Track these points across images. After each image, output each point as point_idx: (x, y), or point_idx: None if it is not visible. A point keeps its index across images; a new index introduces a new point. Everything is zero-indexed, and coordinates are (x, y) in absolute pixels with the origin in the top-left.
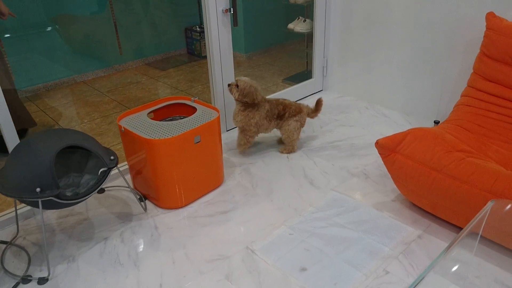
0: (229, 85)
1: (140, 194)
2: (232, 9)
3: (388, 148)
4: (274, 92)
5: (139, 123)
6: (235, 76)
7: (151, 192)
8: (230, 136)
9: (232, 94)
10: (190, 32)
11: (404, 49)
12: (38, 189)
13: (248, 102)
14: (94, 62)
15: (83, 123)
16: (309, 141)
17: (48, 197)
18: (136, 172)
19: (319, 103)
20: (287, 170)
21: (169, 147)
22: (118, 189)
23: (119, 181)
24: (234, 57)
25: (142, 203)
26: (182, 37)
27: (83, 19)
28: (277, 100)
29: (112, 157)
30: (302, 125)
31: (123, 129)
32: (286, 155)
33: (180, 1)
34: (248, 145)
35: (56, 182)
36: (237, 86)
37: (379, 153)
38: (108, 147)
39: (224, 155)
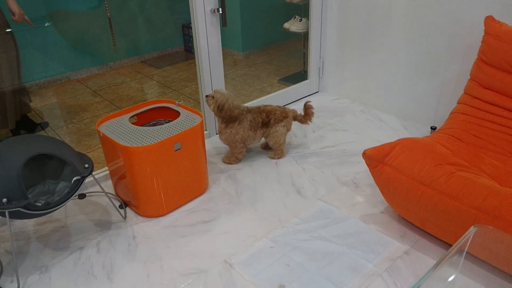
0: (206, 96)
1: (121, 200)
2: (221, 9)
3: (375, 159)
4: (269, 93)
5: (119, 128)
6: (225, 77)
7: (132, 199)
8: (219, 140)
9: (209, 106)
10: (187, 29)
11: (402, 51)
12: (4, 200)
13: (225, 117)
14: (88, 60)
15: (72, 123)
16: (300, 146)
17: (15, 208)
18: (116, 178)
19: (307, 107)
20: (275, 177)
21: (147, 155)
22: (99, 195)
23: (102, 185)
24: (231, 55)
25: (122, 210)
26: (179, 34)
27: (77, 15)
28: (258, 107)
29: (86, 165)
30: (288, 130)
31: (101, 134)
32: (275, 161)
33: None
34: (237, 162)
35: (24, 193)
36: (213, 97)
37: (367, 164)
38: (94, 149)
39: (212, 159)
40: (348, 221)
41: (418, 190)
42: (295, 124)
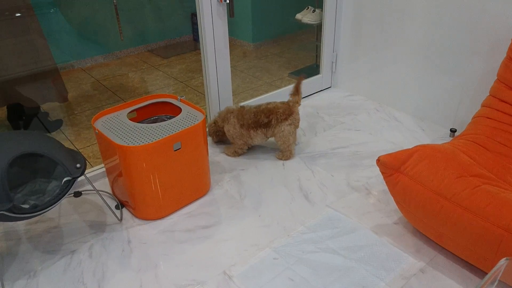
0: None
1: (117, 200)
2: None
3: (391, 167)
4: (278, 87)
5: (116, 124)
6: (233, 70)
7: (128, 200)
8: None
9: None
10: (196, 18)
11: (421, 45)
12: None
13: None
14: (93, 48)
15: (73, 114)
16: (310, 146)
17: None
18: (112, 177)
19: (298, 84)
20: (281, 179)
21: (144, 155)
22: (95, 194)
23: (99, 183)
24: (241, 46)
25: (118, 211)
26: (187, 22)
27: (83, 1)
28: (259, 106)
29: (78, 165)
30: (296, 127)
31: (96, 131)
32: (282, 162)
33: None
34: (235, 155)
35: (8, 195)
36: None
37: (381, 171)
38: (94, 143)
39: (215, 158)
40: (358, 232)
41: (438, 204)
42: (305, 122)
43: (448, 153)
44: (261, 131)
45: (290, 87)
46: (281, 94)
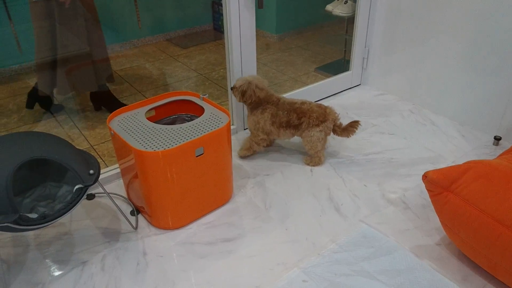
0: (232, 88)
1: (133, 206)
2: None
3: (440, 185)
4: (304, 83)
5: (134, 124)
6: (257, 65)
7: (144, 206)
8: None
9: (236, 97)
10: (217, 6)
11: (465, 40)
12: None
13: (251, 103)
14: (110, 36)
15: (88, 106)
16: (339, 151)
17: (3, 223)
18: (128, 180)
19: (354, 125)
20: (309, 187)
21: (163, 161)
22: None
23: (114, 185)
24: (264, 37)
25: (133, 217)
26: (208, 11)
27: None
28: (293, 103)
29: (91, 171)
30: (327, 134)
31: (112, 132)
32: (310, 167)
33: None
34: (250, 153)
35: (13, 206)
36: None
37: (427, 189)
38: (109, 139)
39: (238, 161)
40: (396, 253)
41: (495, 231)
42: None
43: (507, 172)
44: (290, 131)
45: (318, 84)
46: (307, 92)
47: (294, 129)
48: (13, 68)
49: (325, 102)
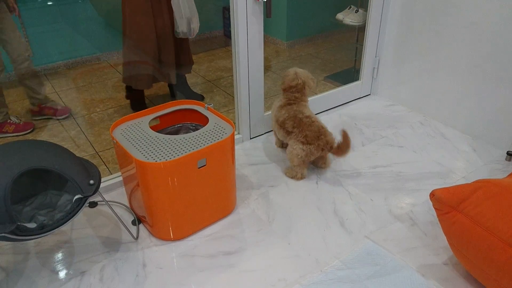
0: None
1: (134, 215)
2: None
3: (448, 204)
4: (312, 92)
5: (137, 133)
6: (265, 71)
7: (145, 216)
8: (253, 146)
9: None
10: (228, 12)
11: (478, 51)
12: None
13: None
14: (120, 41)
15: (95, 112)
16: (346, 163)
17: (0, 233)
18: (130, 189)
19: (345, 139)
20: (314, 200)
21: (165, 172)
22: (112, 205)
23: (117, 192)
24: (274, 44)
25: (134, 227)
26: (219, 17)
27: None
28: (298, 111)
29: (91, 181)
30: (308, 156)
31: (115, 141)
32: (315, 180)
33: None
34: (278, 145)
35: (11, 216)
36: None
37: (434, 208)
38: (113, 147)
39: (242, 171)
40: (402, 272)
41: (504, 254)
42: None
43: None
44: (283, 133)
45: (327, 93)
46: (316, 101)
47: (286, 134)
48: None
49: (334, 112)
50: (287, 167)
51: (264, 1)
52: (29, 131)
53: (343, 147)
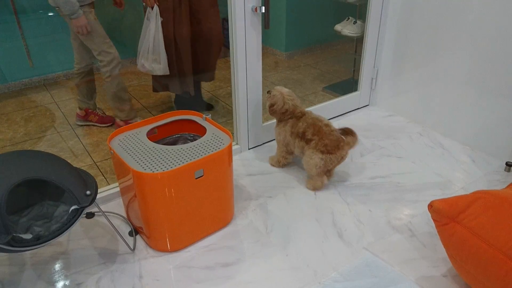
0: (267, 92)
1: (131, 226)
2: (263, 7)
3: (446, 215)
4: (312, 102)
5: (134, 144)
6: (264, 81)
7: (142, 227)
8: (252, 157)
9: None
10: (227, 24)
11: (477, 61)
12: None
13: (277, 113)
14: (120, 51)
15: (92, 122)
16: (345, 173)
17: None
18: (127, 200)
19: (350, 133)
20: (312, 211)
21: (162, 183)
22: (109, 216)
23: (114, 203)
24: (273, 55)
25: (131, 238)
26: None
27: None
28: (316, 119)
29: (88, 192)
30: (328, 166)
31: (112, 151)
32: (313, 191)
33: None
34: (279, 165)
35: (6, 227)
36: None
37: (433, 219)
38: (109, 158)
39: (241, 181)
40: (401, 285)
41: (504, 266)
42: None
43: None
44: (302, 144)
45: (326, 104)
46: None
47: (305, 143)
48: (23, 82)
49: (333, 122)
50: (307, 180)
51: (262, 13)
52: (109, 124)
53: (351, 142)
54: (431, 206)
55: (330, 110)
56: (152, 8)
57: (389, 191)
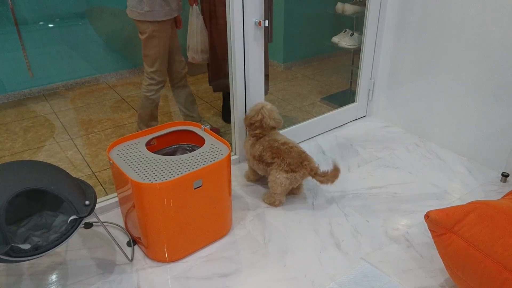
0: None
1: (129, 236)
2: (267, 21)
3: (442, 226)
4: (309, 113)
5: (133, 154)
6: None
7: (141, 237)
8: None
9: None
10: None
11: (471, 75)
12: None
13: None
14: (119, 62)
15: (92, 132)
16: (342, 184)
17: None
18: (126, 210)
19: (335, 170)
20: (310, 222)
21: (160, 193)
22: (107, 226)
23: (113, 213)
24: (271, 66)
25: (129, 248)
26: None
27: (112, 12)
28: (273, 141)
29: (87, 202)
30: (293, 183)
31: (111, 162)
32: (311, 201)
33: None
34: (249, 180)
35: (5, 237)
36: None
37: (429, 229)
38: (108, 168)
39: (238, 192)
40: None
41: (500, 276)
42: (337, 155)
43: None
44: (263, 166)
45: (324, 116)
46: (313, 124)
47: (266, 166)
48: (23, 92)
49: (330, 134)
50: (265, 193)
51: (265, 26)
52: None
53: (330, 177)
54: (427, 216)
55: (329, 122)
56: (193, 6)
57: (386, 202)
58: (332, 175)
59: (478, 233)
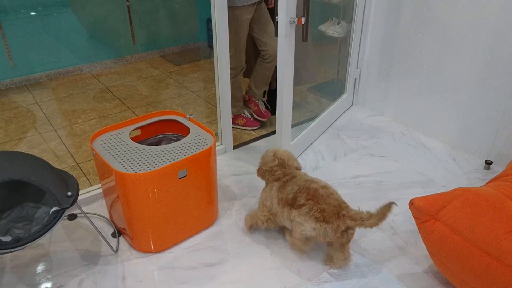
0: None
1: (114, 227)
2: (303, 18)
3: (426, 213)
4: (299, 104)
5: (117, 144)
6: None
7: (126, 228)
8: (236, 157)
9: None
10: (211, 23)
11: (460, 63)
12: None
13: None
14: (103, 51)
15: (76, 123)
16: (328, 173)
17: None
18: (110, 201)
19: (387, 209)
20: None
21: (144, 183)
22: (92, 217)
23: (97, 204)
24: None
25: (114, 239)
26: (203, 28)
27: (96, 0)
28: (310, 181)
29: (69, 193)
30: (319, 240)
31: (94, 152)
32: None
33: None
34: (252, 227)
35: None
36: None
37: (414, 217)
38: (92, 159)
39: (225, 181)
40: (382, 281)
41: (482, 261)
42: (324, 144)
43: (495, 201)
44: (288, 210)
45: (323, 117)
46: (313, 129)
47: (296, 210)
48: (4, 82)
49: (317, 124)
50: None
51: (302, 24)
52: (256, 127)
53: (376, 217)
54: (411, 204)
55: (325, 119)
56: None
57: (372, 190)
58: (384, 213)
59: (461, 219)
